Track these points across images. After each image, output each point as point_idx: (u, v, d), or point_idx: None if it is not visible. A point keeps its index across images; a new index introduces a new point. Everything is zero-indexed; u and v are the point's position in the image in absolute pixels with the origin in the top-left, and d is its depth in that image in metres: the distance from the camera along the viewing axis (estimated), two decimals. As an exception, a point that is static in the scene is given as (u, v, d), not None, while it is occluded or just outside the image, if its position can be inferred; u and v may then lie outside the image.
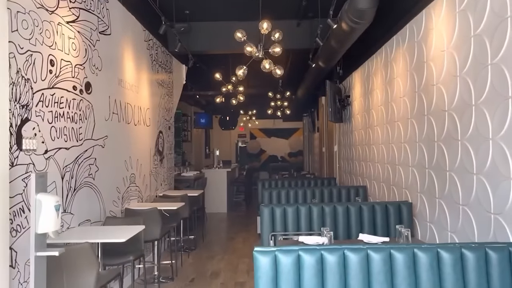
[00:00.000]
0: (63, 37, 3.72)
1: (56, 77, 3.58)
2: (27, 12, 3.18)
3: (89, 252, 3.02)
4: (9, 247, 2.85)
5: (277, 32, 5.77)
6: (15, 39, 3.02)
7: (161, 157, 7.03)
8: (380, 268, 2.44)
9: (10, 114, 2.93)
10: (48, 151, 3.42)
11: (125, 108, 5.29)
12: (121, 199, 5.08)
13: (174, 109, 8.13)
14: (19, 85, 3.05)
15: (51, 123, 3.48)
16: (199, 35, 7.85)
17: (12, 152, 2.95)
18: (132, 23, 5.65)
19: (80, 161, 3.99)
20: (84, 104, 4.11)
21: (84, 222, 4.05)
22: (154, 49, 6.75)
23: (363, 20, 4.85)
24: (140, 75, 6.00)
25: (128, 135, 5.37)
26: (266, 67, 5.68)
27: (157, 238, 4.89)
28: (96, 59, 4.41)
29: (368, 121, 6.61)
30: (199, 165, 15.22)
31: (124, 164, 5.23)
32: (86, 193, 4.12)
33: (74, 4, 3.97)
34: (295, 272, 2.45)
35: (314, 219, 4.54)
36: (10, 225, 2.88)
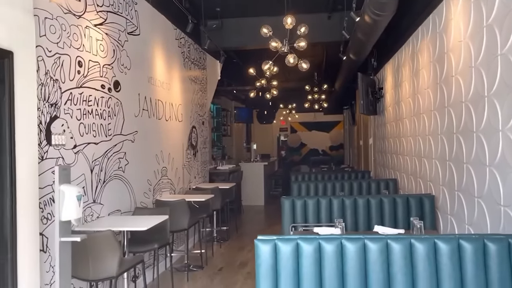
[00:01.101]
0: (90, 40, 3.99)
1: (84, 77, 3.86)
2: (54, 18, 3.45)
3: (112, 239, 3.27)
4: (40, 233, 3.14)
5: (303, 26, 5.84)
6: (43, 43, 3.30)
7: (194, 151, 7.28)
8: (376, 257, 2.50)
9: (39, 113, 3.22)
10: (77, 146, 3.70)
11: (156, 105, 5.55)
12: (153, 190, 5.36)
13: (208, 105, 8.37)
14: (47, 86, 3.33)
15: (80, 120, 3.76)
16: (231, 32, 8.02)
17: (42, 147, 3.24)
18: (162, 23, 5.89)
19: (109, 155, 4.27)
20: (113, 101, 4.38)
21: (114, 212, 4.33)
22: (186, 47, 6.98)
23: (385, 12, 4.83)
24: (172, 73, 6.25)
25: (159, 130, 5.63)
26: (291, 61, 5.76)
27: (185, 228, 5.12)
28: (124, 58, 4.67)
29: (398, 113, 6.54)
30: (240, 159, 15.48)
31: (155, 158, 5.50)
32: (116, 185, 4.40)
33: (102, 8, 4.23)
34: (294, 260, 2.56)
35: (334, 211, 4.60)
36: (41, 213, 3.18)
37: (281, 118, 19.66)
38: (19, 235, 2.83)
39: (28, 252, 2.91)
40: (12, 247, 2.79)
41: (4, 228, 2.76)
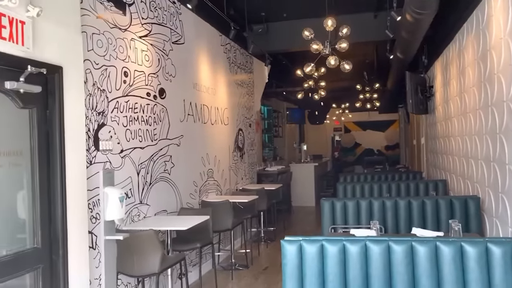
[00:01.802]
0: (136, 51, 4.27)
1: (130, 86, 4.13)
2: (101, 33, 3.74)
3: (154, 237, 3.49)
4: (90, 231, 3.43)
5: (345, 27, 5.85)
6: (91, 56, 3.59)
7: (241, 153, 7.47)
8: (401, 259, 2.52)
9: (88, 121, 3.50)
10: (123, 150, 3.98)
11: (201, 109, 5.78)
12: (199, 192, 5.59)
13: (255, 108, 8.53)
14: (95, 96, 3.62)
15: (126, 126, 4.04)
16: (276, 35, 8.13)
17: (90, 153, 3.53)
18: (207, 30, 6.12)
19: (155, 158, 4.53)
20: (158, 108, 4.64)
21: (160, 212, 4.59)
22: (232, 52, 7.19)
23: (426, 10, 4.73)
24: (217, 78, 6.47)
25: (205, 134, 5.86)
26: (331, 63, 5.78)
27: (229, 228, 5.30)
28: (169, 67, 4.92)
29: (447, 112, 6.36)
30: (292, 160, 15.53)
31: (201, 160, 5.73)
32: (162, 187, 4.66)
33: (146, 20, 4.50)
34: (319, 261, 2.63)
35: (374, 213, 4.58)
36: (90, 213, 3.46)
37: (334, 118, 19.48)
38: (69, 234, 3.12)
39: (78, 249, 3.19)
40: (63, 245, 3.08)
41: (56, 227, 3.05)
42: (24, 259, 2.88)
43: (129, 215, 4.04)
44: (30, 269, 2.93)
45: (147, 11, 4.51)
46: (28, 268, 2.92)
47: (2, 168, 2.94)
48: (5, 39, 2.58)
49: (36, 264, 2.95)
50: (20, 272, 2.86)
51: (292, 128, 18.03)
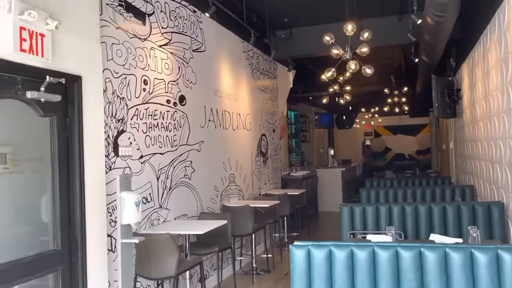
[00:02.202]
0: (155, 59, 4.39)
1: (149, 94, 4.25)
2: (121, 43, 3.88)
3: (170, 241, 3.58)
4: (109, 234, 3.54)
5: (366, 31, 5.81)
6: (110, 66, 3.72)
7: (264, 158, 7.51)
8: (409, 265, 2.49)
9: (107, 128, 3.63)
10: (143, 156, 4.10)
11: (222, 115, 5.86)
12: (220, 196, 5.66)
13: (279, 113, 8.56)
14: (115, 103, 3.75)
15: (146, 133, 4.16)
16: (299, 41, 8.15)
17: (109, 158, 3.65)
18: (229, 38, 6.21)
19: (175, 164, 4.63)
20: (179, 114, 4.75)
21: (180, 216, 4.68)
22: (255, 58, 7.26)
23: (447, 13, 4.66)
24: (239, 84, 6.55)
25: (226, 139, 5.94)
26: (352, 67, 5.75)
27: (250, 232, 5.34)
28: (190, 74, 5.03)
29: (473, 115, 6.20)
30: (321, 165, 15.45)
31: (222, 165, 5.81)
32: (182, 192, 4.75)
33: (166, 30, 4.62)
34: (326, 266, 2.63)
35: (394, 218, 4.52)
36: (109, 217, 3.58)
37: (363, 123, 19.24)
38: (88, 236, 3.24)
39: (96, 252, 3.31)
40: (82, 247, 3.20)
41: (75, 230, 3.18)
42: (45, 260, 3.02)
43: (149, 219, 4.14)
44: (51, 270, 3.06)
45: (167, 20, 4.63)
46: (49, 269, 3.05)
47: (24, 174, 3.09)
48: (25, 51, 2.72)
49: (56, 266, 3.08)
50: (41, 273, 2.99)
51: (321, 132, 17.94)
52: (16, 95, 2.82)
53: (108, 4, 3.74)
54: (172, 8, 4.75)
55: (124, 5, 3.95)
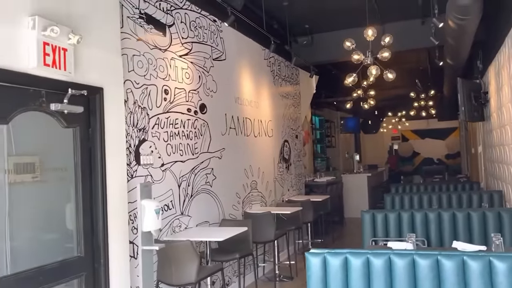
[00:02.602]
0: (176, 69, 4.48)
1: (170, 103, 4.34)
2: (142, 54, 3.99)
3: (190, 248, 3.64)
4: (131, 241, 3.63)
5: (387, 36, 5.78)
6: (132, 77, 3.83)
7: (287, 164, 7.51)
8: (426, 274, 2.46)
9: (129, 137, 3.73)
10: (164, 164, 4.18)
11: (244, 122, 5.92)
12: (242, 203, 5.70)
13: (302, 118, 8.56)
14: (136, 113, 3.85)
15: (167, 141, 4.25)
16: (320, 46, 8.14)
17: (131, 167, 3.75)
18: (249, 45, 6.28)
19: (196, 171, 4.70)
20: (199, 122, 4.83)
21: (202, 223, 4.74)
22: (276, 65, 7.29)
23: (469, 16, 4.58)
24: (260, 91, 6.60)
25: (247, 146, 5.99)
26: (373, 73, 5.72)
27: (272, 239, 5.36)
28: (210, 83, 5.11)
29: (500, 119, 6.05)
30: (346, 170, 15.32)
31: (244, 172, 5.86)
32: (204, 199, 4.82)
33: (187, 40, 4.71)
34: (342, 273, 2.63)
35: (417, 225, 4.45)
36: (131, 224, 3.67)
37: (390, 127, 18.98)
38: (110, 243, 3.33)
39: (118, 258, 3.39)
40: (104, 254, 3.29)
41: (98, 237, 3.27)
42: (69, 266, 3.12)
43: (170, 226, 4.22)
44: (75, 276, 3.16)
45: (187, 30, 4.73)
46: (73, 275, 3.15)
47: (50, 183, 3.22)
48: (48, 66, 2.84)
49: (80, 272, 3.18)
50: (66, 278, 3.09)
51: (347, 137, 17.79)
52: (40, 107, 2.94)
53: (129, 17, 3.86)
54: (192, 19, 4.84)
55: (145, 17, 4.06)
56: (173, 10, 4.51)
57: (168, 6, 4.43)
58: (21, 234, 3.09)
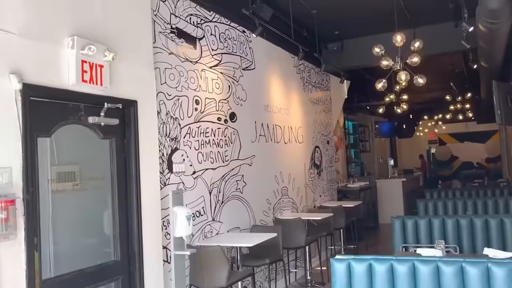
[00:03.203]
0: (206, 80, 4.64)
1: (201, 113, 4.51)
2: (173, 67, 4.16)
3: (220, 253, 3.76)
4: (164, 246, 3.79)
5: (417, 41, 5.75)
6: (164, 89, 4.01)
7: (318, 170, 7.55)
8: (450, 280, 2.48)
9: (162, 146, 3.91)
10: (195, 172, 4.34)
11: (273, 129, 6.02)
12: (272, 209, 5.80)
13: (333, 124, 8.58)
14: (168, 123, 4.03)
15: (198, 150, 4.40)
16: (352, 52, 8.15)
17: (164, 175, 3.92)
18: (278, 54, 6.38)
19: (227, 178, 4.84)
20: (229, 131, 4.97)
21: (233, 229, 4.87)
22: (306, 72, 7.37)
23: (499, 20, 4.52)
24: (290, 98, 6.69)
25: (277, 153, 6.08)
26: (402, 78, 5.70)
27: (302, 245, 5.42)
28: (240, 92, 5.25)
29: (538, 123, 5.89)
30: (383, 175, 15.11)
31: (275, 178, 5.95)
32: (234, 205, 4.94)
33: (216, 51, 4.87)
34: (367, 280, 2.68)
35: (448, 232, 4.41)
36: (165, 230, 3.83)
37: (426, 130, 18.58)
38: (144, 248, 3.50)
39: (153, 263, 3.56)
40: (139, 258, 3.46)
41: (133, 242, 3.45)
42: (107, 270, 3.31)
43: (202, 232, 4.36)
44: (112, 279, 3.35)
45: (217, 42, 4.89)
46: (110, 278, 3.33)
47: (89, 191, 3.43)
48: (86, 82, 3.05)
49: (117, 275, 3.36)
50: (104, 281, 3.28)
51: (382, 142, 17.56)
52: (79, 120, 3.15)
53: (161, 32, 4.04)
54: (221, 31, 5.00)
55: (176, 32, 4.25)
56: (203, 24, 4.68)
57: (198, 20, 4.60)
58: (63, 239, 3.31)
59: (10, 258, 2.52)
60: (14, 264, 2.54)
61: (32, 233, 2.68)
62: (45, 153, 3.17)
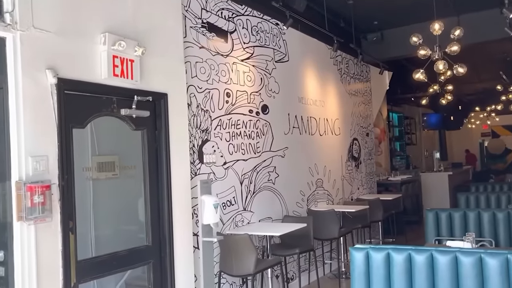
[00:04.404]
0: (238, 73, 4.74)
1: (232, 105, 4.62)
2: (204, 60, 4.29)
3: (248, 241, 3.86)
4: (195, 233, 3.94)
5: (457, 29, 5.58)
6: (195, 82, 4.15)
7: (356, 162, 7.49)
8: (469, 271, 2.45)
9: (192, 138, 4.05)
10: (226, 163, 4.46)
11: (308, 122, 6.04)
12: (306, 201, 5.83)
13: (373, 116, 8.45)
14: (199, 116, 4.17)
15: (229, 141, 4.52)
16: (392, 42, 7.99)
17: (195, 165, 4.06)
18: (314, 45, 6.37)
19: (258, 169, 4.93)
20: (261, 123, 5.05)
21: (265, 219, 4.96)
22: (344, 63, 7.30)
23: (541, 3, 4.30)
24: (326, 90, 6.67)
25: (312, 145, 6.09)
26: (440, 68, 5.53)
27: (336, 237, 5.43)
28: (272, 84, 5.31)
29: None
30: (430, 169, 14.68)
31: (309, 170, 5.98)
32: (266, 196, 5.03)
33: (248, 44, 4.96)
34: (385, 268, 2.69)
35: (484, 225, 4.29)
36: (195, 217, 3.98)
37: (478, 122, 17.79)
38: (175, 234, 3.66)
39: (183, 248, 3.72)
40: (170, 244, 3.63)
41: (164, 228, 3.62)
42: (139, 254, 3.50)
43: (233, 221, 4.49)
44: (143, 263, 3.54)
45: (249, 35, 4.97)
46: (142, 262, 3.52)
47: (124, 180, 3.64)
48: (118, 76, 3.23)
49: (148, 259, 3.55)
50: (135, 265, 3.48)
51: (430, 135, 17.02)
52: (112, 112, 3.34)
53: (192, 27, 4.18)
54: (254, 24, 5.07)
55: (207, 26, 4.37)
56: (234, 17, 4.77)
57: (229, 13, 4.70)
58: (102, 224, 3.55)
59: (47, 239, 2.74)
60: (50, 244, 2.76)
61: (68, 217, 2.89)
62: (86, 144, 3.42)
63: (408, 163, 13.44)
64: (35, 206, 2.60)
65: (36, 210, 2.61)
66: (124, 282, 3.91)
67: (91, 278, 3.17)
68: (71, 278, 2.89)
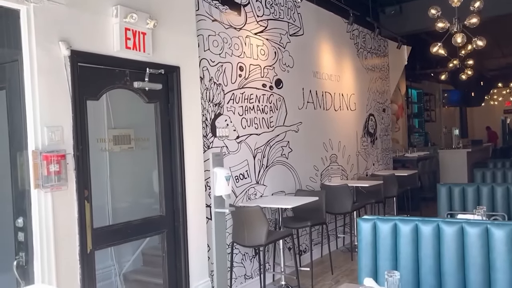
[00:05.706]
0: (251, 47, 4.74)
1: (245, 79, 4.63)
2: (217, 34, 4.30)
3: (260, 213, 3.93)
4: (207, 205, 4.02)
5: (477, 1, 5.42)
6: (207, 55, 4.17)
7: (372, 138, 7.45)
8: (475, 241, 2.46)
9: (205, 111, 4.10)
10: (239, 136, 4.50)
11: (323, 97, 6.02)
12: (320, 176, 5.86)
13: (391, 92, 8.35)
14: (212, 89, 4.20)
15: (242, 115, 4.55)
16: (410, 15, 7.82)
17: (208, 139, 4.12)
18: (329, 19, 6.29)
19: (271, 144, 4.96)
20: (275, 97, 5.06)
21: (277, 192, 5.02)
22: (361, 37, 7.20)
23: None
24: (342, 64, 6.60)
25: (327, 120, 6.08)
26: (458, 41, 5.41)
27: (348, 211, 5.46)
28: (286, 58, 5.28)
29: None
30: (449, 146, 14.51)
31: (323, 146, 5.98)
32: (279, 170, 5.07)
33: (262, 18, 4.93)
34: (391, 239, 2.72)
35: (497, 200, 4.26)
36: (208, 190, 4.05)
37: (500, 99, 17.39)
38: (188, 205, 3.75)
39: (195, 219, 3.81)
40: (183, 214, 3.73)
41: (177, 199, 3.71)
42: (153, 223, 3.61)
43: (246, 194, 4.56)
44: (157, 232, 3.65)
45: (262, 8, 4.94)
46: (156, 231, 3.63)
47: (138, 152, 3.73)
48: (130, 48, 3.27)
49: (162, 229, 3.66)
50: (149, 234, 3.59)
51: (451, 112, 16.74)
52: (125, 85, 3.40)
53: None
54: (268, -3, 5.03)
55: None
56: (248, -10, 4.74)
57: (243, -14, 4.67)
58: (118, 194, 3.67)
59: (63, 207, 2.84)
60: (67, 212, 2.87)
61: (83, 185, 2.98)
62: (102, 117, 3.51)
63: (426, 140, 13.30)
64: (51, 175, 2.69)
65: (52, 178, 2.70)
66: (140, 252, 4.05)
67: (107, 245, 3.29)
68: (87, 244, 3.01)
